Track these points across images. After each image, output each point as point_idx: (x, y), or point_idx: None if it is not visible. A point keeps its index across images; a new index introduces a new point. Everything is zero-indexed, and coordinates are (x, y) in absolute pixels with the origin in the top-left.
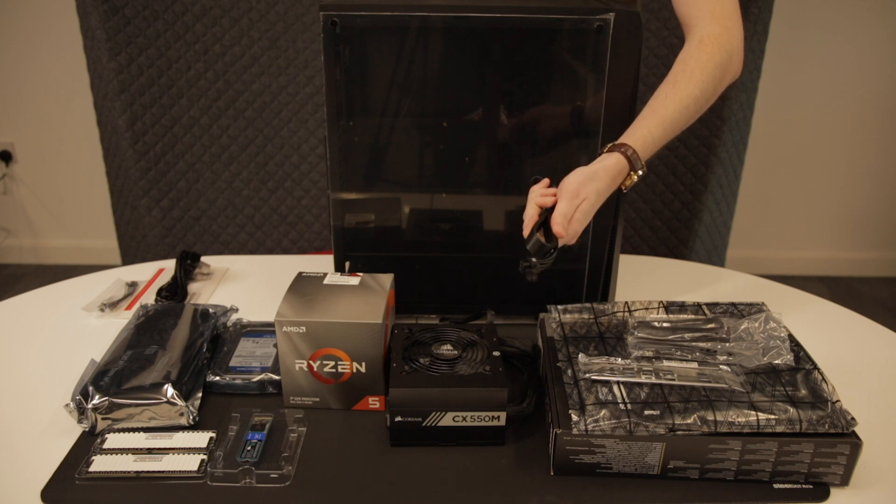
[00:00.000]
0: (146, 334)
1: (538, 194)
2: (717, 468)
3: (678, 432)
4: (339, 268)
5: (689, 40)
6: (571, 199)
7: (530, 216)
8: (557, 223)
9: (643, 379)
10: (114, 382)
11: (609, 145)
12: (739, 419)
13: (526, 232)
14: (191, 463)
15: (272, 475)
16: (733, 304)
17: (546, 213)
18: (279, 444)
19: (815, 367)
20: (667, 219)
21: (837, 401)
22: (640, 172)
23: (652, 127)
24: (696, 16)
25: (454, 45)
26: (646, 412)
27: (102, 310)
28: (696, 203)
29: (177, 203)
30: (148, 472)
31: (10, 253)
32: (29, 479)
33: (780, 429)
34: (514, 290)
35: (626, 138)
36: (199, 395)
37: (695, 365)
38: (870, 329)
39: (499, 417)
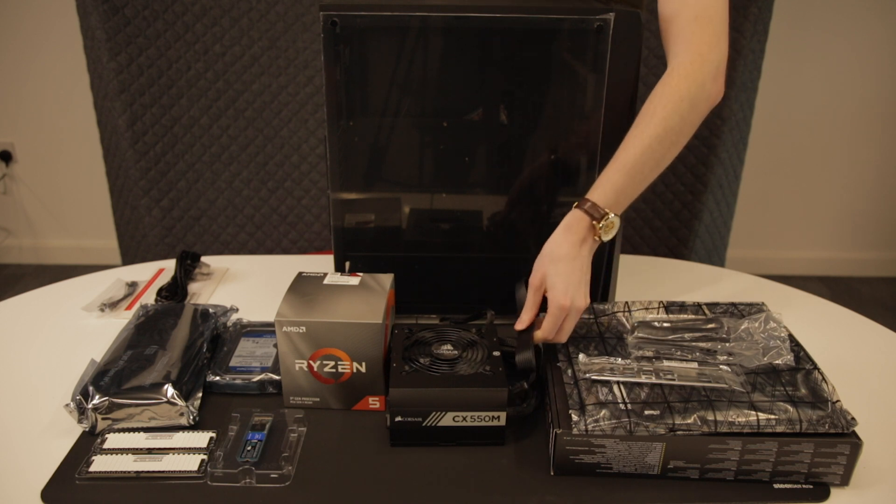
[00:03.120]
0: (146, 334)
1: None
2: (717, 468)
3: (678, 432)
4: (339, 268)
5: (675, 57)
6: (534, 293)
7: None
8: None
9: (643, 379)
10: (114, 382)
11: (578, 200)
12: (739, 419)
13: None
14: (191, 463)
15: (272, 475)
16: (733, 304)
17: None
18: (279, 444)
19: (815, 367)
20: (667, 219)
21: (837, 401)
22: (605, 222)
23: (611, 174)
24: (674, 42)
25: (454, 45)
26: (646, 412)
27: (102, 310)
28: (696, 203)
29: (177, 203)
30: (148, 472)
31: (10, 253)
32: (29, 479)
33: (780, 429)
34: (513, 290)
35: (589, 192)
36: (199, 395)
37: (695, 365)
38: (870, 329)
39: (499, 417)
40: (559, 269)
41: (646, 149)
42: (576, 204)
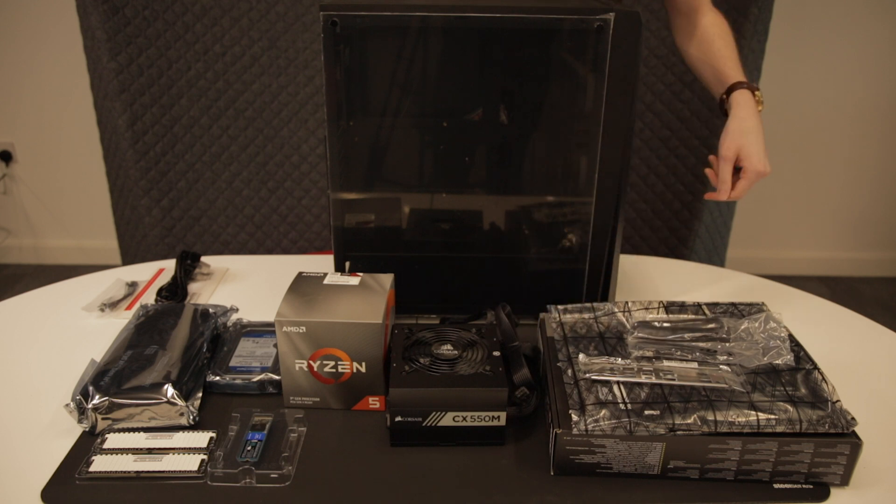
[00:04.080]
0: (146, 334)
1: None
2: (717, 468)
3: (678, 432)
4: (339, 268)
5: (705, 15)
6: (728, 164)
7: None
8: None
9: (643, 379)
10: (114, 382)
11: (729, 87)
12: (739, 419)
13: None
14: (191, 463)
15: (272, 475)
16: (733, 304)
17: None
18: (279, 444)
19: (815, 367)
20: (667, 219)
21: (837, 401)
22: (759, 94)
23: (732, 65)
24: (698, 3)
25: (454, 45)
26: (646, 412)
27: (102, 310)
28: (696, 203)
29: (177, 203)
30: (148, 472)
31: (10, 253)
32: (29, 479)
33: (780, 429)
34: (514, 290)
35: (729, 78)
36: (199, 395)
37: (695, 365)
38: (870, 329)
39: (499, 417)
40: (751, 139)
41: (737, 59)
42: (729, 87)
